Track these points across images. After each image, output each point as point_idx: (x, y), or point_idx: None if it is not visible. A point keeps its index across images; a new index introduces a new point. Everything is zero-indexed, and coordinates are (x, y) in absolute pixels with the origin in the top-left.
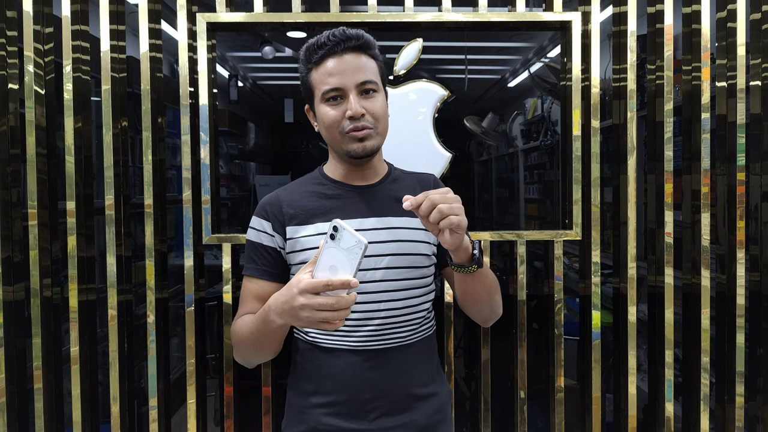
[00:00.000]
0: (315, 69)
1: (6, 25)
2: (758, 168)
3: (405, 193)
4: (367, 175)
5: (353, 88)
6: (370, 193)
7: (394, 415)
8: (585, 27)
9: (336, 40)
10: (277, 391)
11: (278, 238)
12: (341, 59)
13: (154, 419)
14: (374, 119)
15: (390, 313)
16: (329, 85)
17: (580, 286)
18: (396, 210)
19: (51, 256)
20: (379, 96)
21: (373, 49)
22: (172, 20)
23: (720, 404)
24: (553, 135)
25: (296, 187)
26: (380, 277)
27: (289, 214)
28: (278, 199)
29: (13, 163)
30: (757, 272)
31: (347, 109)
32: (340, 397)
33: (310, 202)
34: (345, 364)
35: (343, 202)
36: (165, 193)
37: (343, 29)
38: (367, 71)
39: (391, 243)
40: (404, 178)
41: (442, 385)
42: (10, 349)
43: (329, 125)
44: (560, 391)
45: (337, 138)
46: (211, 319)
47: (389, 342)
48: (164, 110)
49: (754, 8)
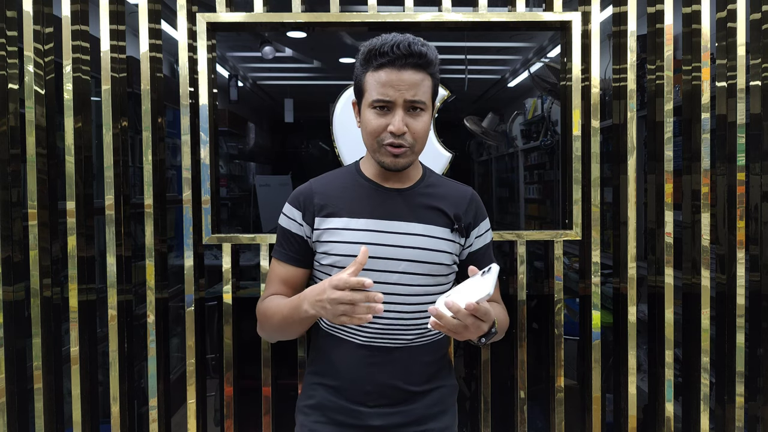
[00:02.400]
0: (371, 73)
1: (6, 25)
2: (758, 168)
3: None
4: (401, 179)
5: (402, 104)
6: (400, 197)
7: (392, 407)
8: (585, 27)
9: (399, 53)
10: (277, 391)
11: (306, 228)
12: (399, 74)
13: (154, 419)
14: (413, 139)
15: (398, 315)
16: (380, 95)
17: (580, 286)
18: (422, 217)
19: (51, 256)
20: (425, 115)
21: (433, 68)
22: (172, 20)
23: (720, 404)
24: (553, 135)
25: (330, 180)
26: (395, 281)
27: (319, 205)
28: (311, 189)
29: (13, 163)
30: (757, 272)
31: (391, 124)
32: (343, 384)
33: (341, 196)
34: (350, 354)
35: (374, 201)
36: (165, 193)
37: (409, 43)
38: (419, 90)
39: (411, 249)
40: (439, 185)
41: (445, 380)
42: (10, 349)
43: (371, 132)
44: (560, 391)
45: (375, 146)
46: (211, 319)
47: (394, 342)
48: (164, 110)
49: (754, 8)
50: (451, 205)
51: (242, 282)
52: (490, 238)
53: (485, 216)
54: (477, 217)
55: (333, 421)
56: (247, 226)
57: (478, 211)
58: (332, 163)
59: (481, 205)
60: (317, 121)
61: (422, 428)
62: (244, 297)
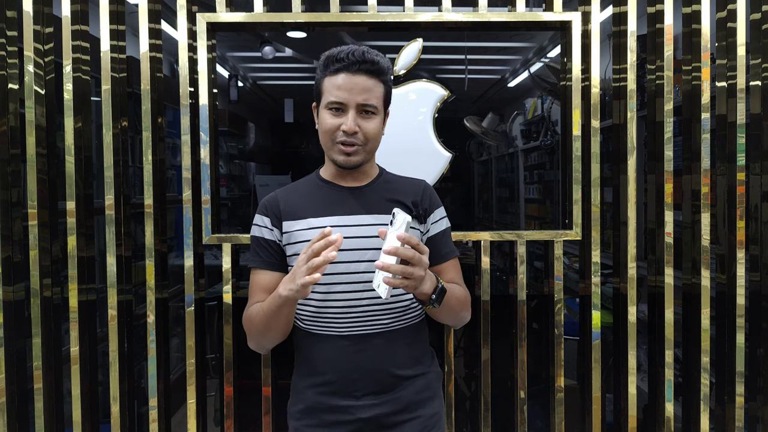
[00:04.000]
0: (328, 77)
1: (6, 25)
2: (758, 168)
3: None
4: (358, 177)
5: (354, 106)
6: (360, 193)
7: (379, 394)
8: (585, 27)
9: (353, 59)
10: (277, 391)
11: (276, 232)
12: (352, 78)
13: (154, 419)
14: (365, 138)
15: (372, 302)
16: (334, 97)
17: (580, 286)
18: (384, 208)
19: (51, 256)
20: (375, 118)
21: (385, 75)
22: (172, 20)
23: (720, 404)
24: (553, 135)
25: (294, 187)
26: (363, 269)
27: (285, 210)
28: (276, 197)
29: (13, 163)
30: (757, 272)
31: (344, 123)
32: (331, 378)
33: (304, 199)
34: (333, 347)
35: (334, 200)
36: (165, 193)
37: (363, 52)
38: (371, 95)
39: (375, 239)
40: (395, 180)
41: (430, 366)
42: (10, 349)
43: (325, 131)
44: (560, 391)
45: (329, 144)
46: (211, 319)
47: (372, 328)
48: (164, 110)
49: (754, 8)
50: (407, 195)
51: (242, 282)
52: (446, 225)
53: (440, 204)
54: (432, 204)
55: (324, 423)
56: (247, 226)
57: (433, 199)
58: None
59: (434, 194)
60: None
61: (412, 415)
62: (244, 297)
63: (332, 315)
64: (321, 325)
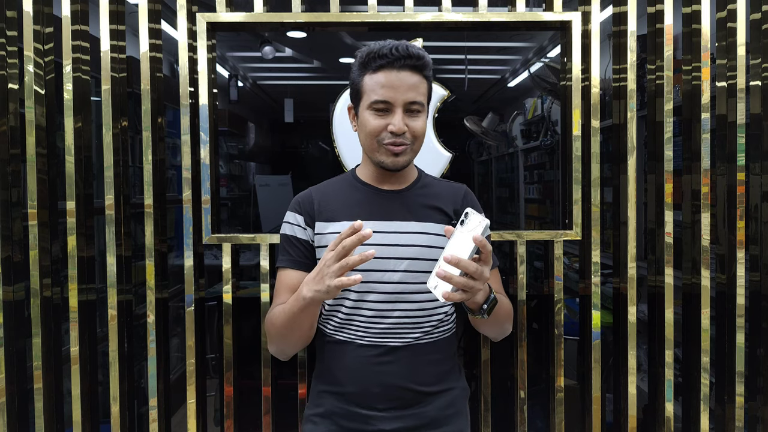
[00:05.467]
0: (369, 75)
1: (6, 25)
2: (758, 168)
3: (435, 200)
4: (397, 180)
5: (401, 104)
6: (398, 198)
7: (401, 409)
8: (585, 27)
9: (398, 55)
10: (277, 391)
11: (309, 231)
12: (398, 75)
13: (154, 419)
14: (413, 137)
15: (404, 314)
16: (380, 96)
17: (580, 286)
18: (422, 215)
19: (51, 256)
20: (422, 116)
21: (429, 70)
22: (172, 20)
23: (720, 404)
24: (553, 135)
25: (328, 186)
26: (398, 279)
27: (319, 210)
28: (311, 195)
29: (13, 163)
30: (757, 272)
31: (391, 124)
32: (351, 389)
33: (340, 200)
34: (355, 357)
35: (370, 204)
36: (165, 193)
37: (407, 46)
38: (417, 92)
39: (413, 247)
40: (435, 185)
41: (457, 382)
42: (10, 349)
43: (370, 132)
44: (560, 391)
45: (374, 146)
46: (211, 319)
47: (400, 341)
48: (164, 110)
49: (754, 8)
50: (448, 202)
51: (242, 282)
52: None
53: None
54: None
55: (343, 429)
56: (247, 226)
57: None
58: (332, 163)
59: (475, 200)
60: (317, 121)
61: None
62: (244, 297)
63: (360, 324)
64: (347, 333)
